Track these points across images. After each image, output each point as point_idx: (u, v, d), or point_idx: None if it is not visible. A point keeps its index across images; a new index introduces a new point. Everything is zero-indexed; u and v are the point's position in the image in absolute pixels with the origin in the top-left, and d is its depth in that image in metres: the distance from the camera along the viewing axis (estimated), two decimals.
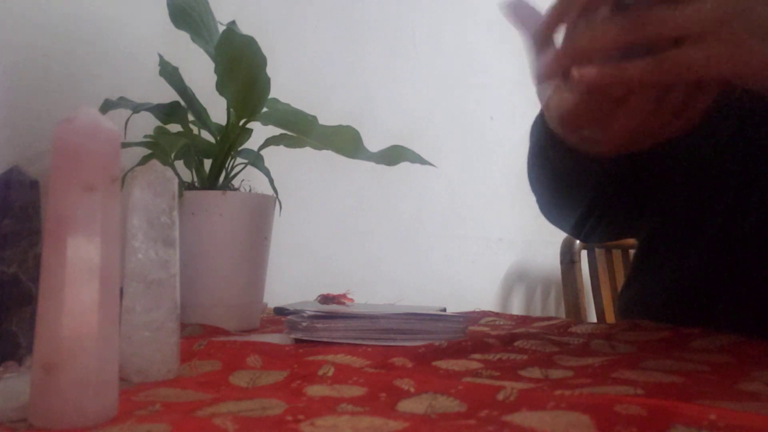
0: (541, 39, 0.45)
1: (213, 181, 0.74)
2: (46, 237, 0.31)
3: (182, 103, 0.74)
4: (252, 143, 0.79)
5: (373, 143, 0.78)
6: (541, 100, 0.48)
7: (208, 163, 0.77)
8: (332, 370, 0.43)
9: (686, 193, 0.66)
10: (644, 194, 0.70)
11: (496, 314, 0.87)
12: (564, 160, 0.61)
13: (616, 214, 0.72)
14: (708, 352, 0.48)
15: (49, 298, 0.30)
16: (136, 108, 0.73)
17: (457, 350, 0.50)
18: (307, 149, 0.81)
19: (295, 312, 0.62)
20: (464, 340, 0.52)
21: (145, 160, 0.72)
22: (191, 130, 0.76)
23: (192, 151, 0.75)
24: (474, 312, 0.87)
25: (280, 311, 0.88)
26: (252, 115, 0.73)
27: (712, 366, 0.42)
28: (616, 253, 1.54)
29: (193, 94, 0.76)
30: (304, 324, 0.58)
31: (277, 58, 0.75)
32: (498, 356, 0.48)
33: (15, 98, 0.86)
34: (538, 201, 0.75)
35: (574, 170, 0.64)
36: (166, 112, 0.74)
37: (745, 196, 0.59)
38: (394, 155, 0.79)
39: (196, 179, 0.76)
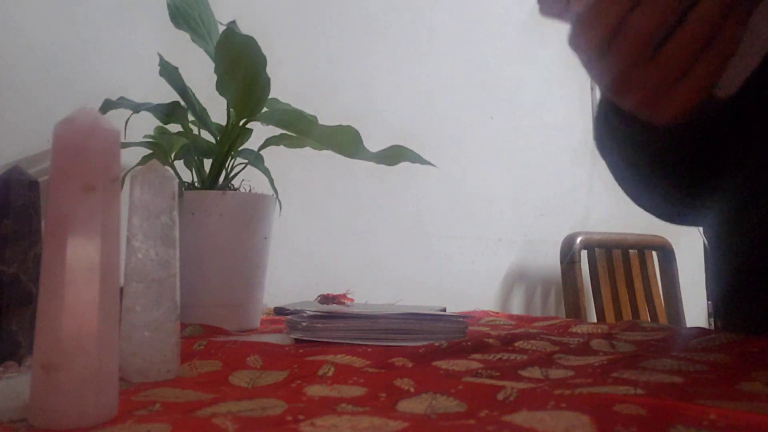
0: None
1: (213, 181, 0.74)
2: (46, 237, 0.31)
3: (182, 103, 0.74)
4: (252, 143, 0.79)
5: (373, 143, 0.78)
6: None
7: (208, 163, 0.77)
8: (332, 370, 0.43)
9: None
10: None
11: (496, 314, 0.87)
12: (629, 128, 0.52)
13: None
14: (707, 351, 0.48)
15: (49, 298, 0.30)
16: (136, 108, 0.73)
17: (457, 350, 0.50)
18: (307, 149, 0.81)
19: (295, 312, 0.62)
20: (464, 340, 0.52)
21: (145, 160, 0.72)
22: (191, 130, 0.76)
23: (192, 151, 0.75)
24: (474, 312, 0.87)
25: (280, 311, 0.88)
26: (252, 115, 0.73)
27: (711, 366, 0.42)
28: (616, 253, 1.54)
29: (193, 94, 0.76)
30: (304, 324, 0.58)
31: (277, 58, 0.75)
32: (498, 356, 0.48)
33: (15, 98, 0.86)
34: (616, 178, 0.63)
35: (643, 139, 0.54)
36: (166, 112, 0.74)
37: None
38: (394, 155, 0.79)
39: (196, 179, 0.76)
